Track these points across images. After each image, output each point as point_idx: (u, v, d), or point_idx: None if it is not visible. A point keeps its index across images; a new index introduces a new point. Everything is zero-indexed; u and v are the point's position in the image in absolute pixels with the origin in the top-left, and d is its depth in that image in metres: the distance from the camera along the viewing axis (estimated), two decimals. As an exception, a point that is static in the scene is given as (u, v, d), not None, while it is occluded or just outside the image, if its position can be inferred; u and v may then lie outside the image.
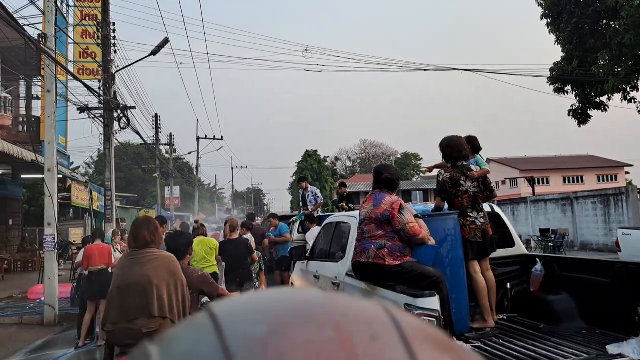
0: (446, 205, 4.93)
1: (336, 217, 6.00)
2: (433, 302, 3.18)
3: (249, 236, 8.76)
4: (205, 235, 8.44)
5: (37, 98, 21.28)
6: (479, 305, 4.37)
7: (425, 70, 15.33)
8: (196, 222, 12.43)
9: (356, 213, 5.20)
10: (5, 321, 10.42)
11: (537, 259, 4.78)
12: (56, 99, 10.62)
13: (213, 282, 4.24)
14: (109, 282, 8.15)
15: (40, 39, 10.16)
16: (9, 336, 9.51)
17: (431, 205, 5.10)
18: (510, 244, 5.16)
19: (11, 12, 15.44)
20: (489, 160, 64.84)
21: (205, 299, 4.51)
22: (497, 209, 5.16)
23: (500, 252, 4.85)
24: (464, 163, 4.73)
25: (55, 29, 10.50)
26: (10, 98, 19.28)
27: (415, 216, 4.00)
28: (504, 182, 54.94)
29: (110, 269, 8.32)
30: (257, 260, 7.91)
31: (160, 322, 3.50)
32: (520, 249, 5.24)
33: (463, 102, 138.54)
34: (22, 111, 22.55)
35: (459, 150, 4.68)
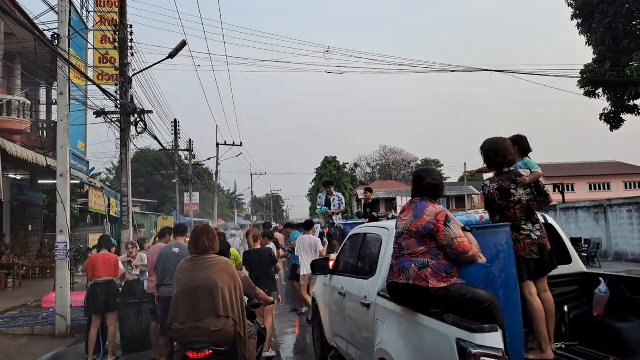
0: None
1: (364, 227, 5.41)
2: (496, 339, 2.57)
3: (271, 245, 8.97)
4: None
5: (56, 103, 21.22)
6: (535, 333, 3.74)
7: (452, 71, 14.77)
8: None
9: (389, 224, 4.61)
10: (16, 332, 10.06)
11: (601, 279, 4.13)
12: (69, 101, 10.25)
13: (252, 284, 4.60)
14: (115, 293, 7.74)
15: (54, 40, 9.80)
16: (18, 348, 9.11)
17: (474, 216, 4.48)
18: (567, 259, 4.51)
19: (31, 17, 15.35)
20: (512, 167, 63.40)
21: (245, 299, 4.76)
22: (550, 219, 4.51)
23: (554, 270, 4.20)
24: (511, 169, 4.11)
25: (69, 30, 10.13)
26: (29, 103, 19.13)
27: (463, 229, 3.40)
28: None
29: (116, 280, 7.87)
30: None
31: (225, 322, 3.88)
32: (578, 265, 4.58)
33: (485, 106, 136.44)
34: (43, 116, 22.48)
35: (503, 154, 4.04)
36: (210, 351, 3.83)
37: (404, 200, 47.63)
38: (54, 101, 21.83)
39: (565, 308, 4.19)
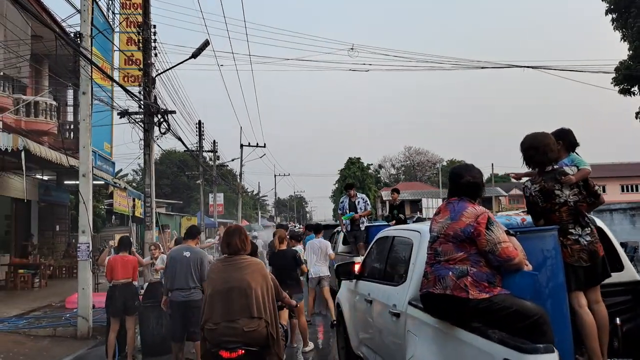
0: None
1: (392, 230, 5.08)
2: (552, 362, 2.22)
3: (298, 248, 8.83)
4: None
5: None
6: (586, 349, 3.36)
7: (483, 67, 14.27)
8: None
9: (420, 226, 4.28)
10: (39, 333, 10.00)
11: (658, 288, 3.72)
12: (92, 101, 10.14)
13: (279, 286, 4.53)
14: (134, 296, 7.54)
15: (76, 39, 9.71)
16: (40, 350, 9.03)
17: (515, 219, 4.10)
18: (618, 267, 4.09)
19: (58, 20, 15.45)
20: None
21: None
22: (599, 222, 4.08)
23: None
24: (555, 166, 3.71)
25: (91, 29, 10.03)
26: (56, 104, 19.28)
27: (506, 232, 3.05)
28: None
29: (135, 283, 7.68)
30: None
31: (258, 322, 3.91)
32: (631, 273, 4.16)
33: (510, 104, 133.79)
34: (71, 118, 22.69)
35: (544, 150, 3.63)
36: (243, 351, 3.87)
37: (430, 202, 47.00)
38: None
39: (618, 320, 3.78)
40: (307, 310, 10.39)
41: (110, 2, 18.56)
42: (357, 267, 5.81)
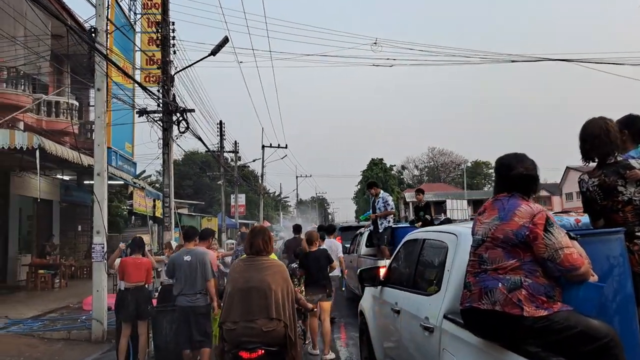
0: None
1: (423, 232, 4.57)
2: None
3: (325, 246, 8.98)
4: None
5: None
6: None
7: (513, 61, 13.55)
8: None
9: (456, 228, 3.77)
10: (53, 335, 9.77)
11: None
12: (107, 97, 9.85)
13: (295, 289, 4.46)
14: (146, 300, 7.18)
15: (90, 33, 9.43)
16: (53, 354, 8.74)
17: (567, 219, 3.56)
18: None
19: (80, 20, 15.32)
20: (568, 169, 60.17)
21: None
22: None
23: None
24: (618, 158, 3.16)
25: (107, 24, 9.75)
26: (76, 104, 19.22)
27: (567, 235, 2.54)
28: (586, 192, 50.80)
29: (147, 286, 7.32)
30: (302, 276, 7.85)
31: (277, 323, 3.91)
32: None
33: (539, 101, 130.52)
34: (92, 117, 22.65)
35: (605, 141, 3.09)
36: (263, 351, 3.86)
37: (454, 203, 45.96)
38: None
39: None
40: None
41: (132, 3, 18.44)
42: (382, 272, 5.33)
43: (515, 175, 2.65)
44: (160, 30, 14.35)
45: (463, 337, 2.87)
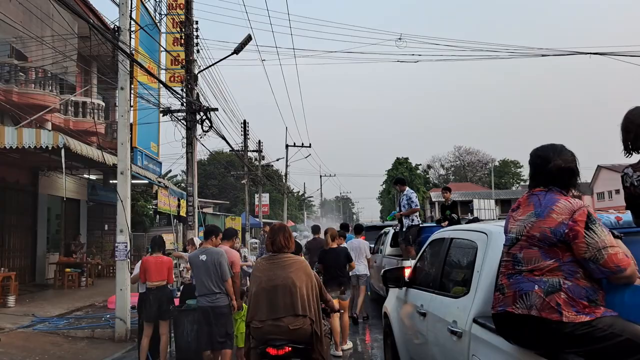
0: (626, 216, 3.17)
1: (451, 231, 4.35)
2: None
3: (352, 245, 9.52)
4: None
5: (132, 106, 21.53)
6: None
7: (543, 55, 13.07)
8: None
9: (486, 226, 3.56)
10: (77, 334, 9.82)
11: None
12: (130, 96, 9.85)
13: (324, 289, 4.50)
14: (168, 300, 7.12)
15: (114, 32, 9.45)
16: (76, 352, 8.77)
17: (607, 216, 3.30)
18: None
19: (106, 22, 15.48)
20: (599, 168, 58.56)
21: None
22: None
23: None
24: None
25: (130, 23, 9.75)
26: (103, 104, 19.43)
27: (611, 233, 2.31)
28: (617, 192, 49.45)
29: (169, 285, 7.24)
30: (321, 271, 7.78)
31: (303, 320, 3.96)
32: None
33: (571, 98, 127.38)
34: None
35: None
36: (290, 348, 3.93)
37: (481, 202, 45.21)
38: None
39: None
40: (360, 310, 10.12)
41: (157, 4, 18.56)
42: (407, 273, 5.13)
43: (553, 168, 2.43)
44: (184, 30, 14.37)
45: (494, 343, 2.67)
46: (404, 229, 9.60)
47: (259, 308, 4.01)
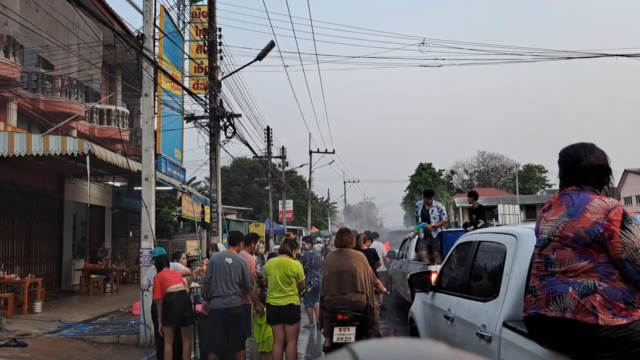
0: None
1: (478, 234, 4.25)
2: None
3: (374, 245, 10.77)
4: (290, 255, 6.59)
5: (156, 113, 21.81)
6: None
7: (569, 58, 12.82)
8: (287, 235, 11.78)
9: (515, 228, 3.46)
10: (102, 339, 9.88)
11: None
12: (154, 103, 9.96)
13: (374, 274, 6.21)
14: (189, 305, 7.15)
15: (138, 40, 9.58)
16: (101, 358, 8.85)
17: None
18: None
19: (131, 30, 15.74)
20: (626, 172, 57.17)
21: None
22: None
23: None
24: None
25: (154, 30, 9.87)
26: (127, 112, 19.74)
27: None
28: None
29: (187, 290, 7.31)
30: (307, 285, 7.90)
31: (360, 296, 5.43)
32: None
33: (596, 101, 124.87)
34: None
35: None
36: (350, 315, 5.36)
37: (506, 208, 44.50)
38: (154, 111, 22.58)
39: None
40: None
41: (180, 12, 18.81)
42: (433, 277, 5.04)
43: (585, 166, 2.33)
44: (207, 37, 14.51)
45: (526, 348, 2.57)
46: (434, 237, 9.87)
47: (330, 286, 5.51)
